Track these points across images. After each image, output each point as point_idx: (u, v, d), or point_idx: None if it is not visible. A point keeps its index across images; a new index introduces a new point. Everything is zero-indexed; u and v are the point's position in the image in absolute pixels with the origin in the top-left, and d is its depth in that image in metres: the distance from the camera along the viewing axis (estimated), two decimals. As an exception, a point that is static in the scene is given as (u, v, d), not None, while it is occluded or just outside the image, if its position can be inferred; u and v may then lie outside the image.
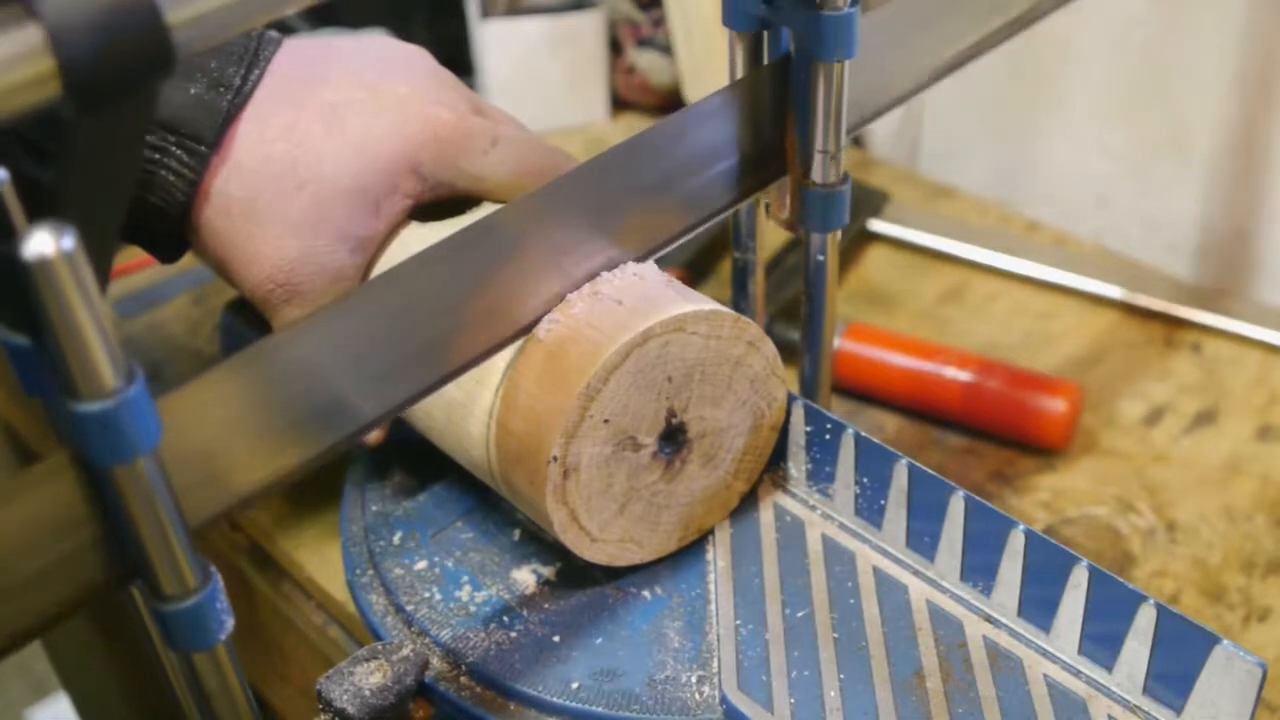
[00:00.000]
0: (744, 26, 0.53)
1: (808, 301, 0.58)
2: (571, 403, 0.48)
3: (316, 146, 0.53)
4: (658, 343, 0.49)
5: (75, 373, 0.33)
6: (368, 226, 0.54)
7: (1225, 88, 0.83)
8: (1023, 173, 0.95)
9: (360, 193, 0.53)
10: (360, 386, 0.45)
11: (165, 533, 0.37)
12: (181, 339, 0.80)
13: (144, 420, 0.35)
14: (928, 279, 0.86)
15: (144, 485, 0.36)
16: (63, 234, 0.31)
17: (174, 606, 0.38)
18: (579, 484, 0.50)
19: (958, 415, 0.72)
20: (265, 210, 0.53)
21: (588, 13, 1.01)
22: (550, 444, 0.48)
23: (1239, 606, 0.62)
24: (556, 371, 0.49)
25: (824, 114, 0.53)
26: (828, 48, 0.51)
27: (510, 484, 0.52)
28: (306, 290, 0.54)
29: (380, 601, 0.55)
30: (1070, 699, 0.48)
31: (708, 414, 0.53)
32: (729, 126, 0.53)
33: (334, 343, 0.44)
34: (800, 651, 0.50)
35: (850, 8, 0.50)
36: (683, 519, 0.54)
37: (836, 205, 0.55)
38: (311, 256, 0.53)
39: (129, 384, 0.34)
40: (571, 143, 1.00)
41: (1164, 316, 0.81)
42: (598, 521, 0.51)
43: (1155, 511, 0.67)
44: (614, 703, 0.49)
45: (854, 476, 0.54)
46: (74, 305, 0.31)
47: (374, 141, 0.53)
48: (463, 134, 0.54)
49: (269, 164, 0.53)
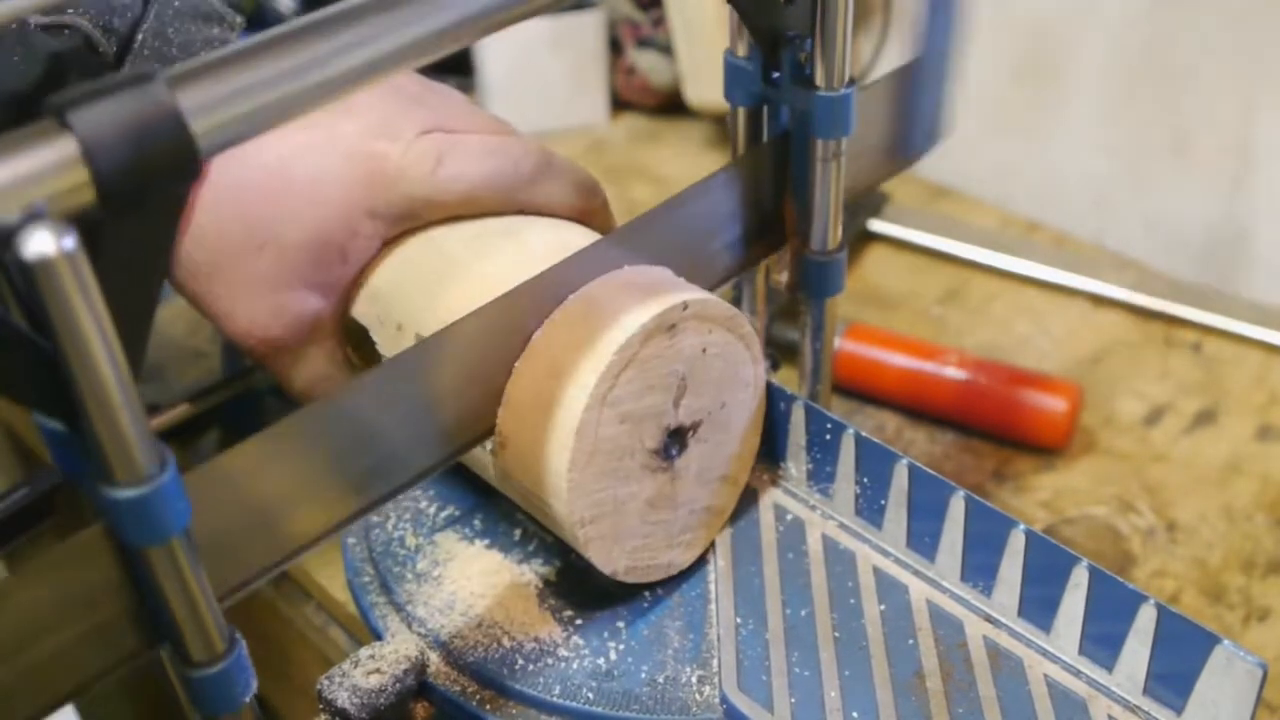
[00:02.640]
0: (745, 102, 0.56)
1: (808, 353, 0.60)
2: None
3: (267, 207, 0.52)
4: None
5: (111, 460, 0.35)
6: (334, 273, 0.53)
7: (1225, 88, 0.83)
8: (1023, 173, 0.95)
9: (321, 244, 0.52)
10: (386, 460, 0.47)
11: (195, 604, 0.38)
12: (181, 339, 0.80)
13: (175, 504, 0.36)
14: (928, 279, 0.86)
15: (175, 562, 0.37)
16: (63, 234, 0.31)
17: (202, 673, 0.40)
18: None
19: (958, 415, 0.72)
20: (230, 274, 0.52)
21: (588, 13, 1.01)
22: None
23: (1239, 606, 0.62)
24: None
25: (821, 188, 0.55)
26: (825, 126, 0.53)
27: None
28: (287, 342, 0.54)
29: (380, 601, 0.55)
30: (1070, 699, 0.48)
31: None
32: (732, 200, 0.55)
33: (364, 417, 0.45)
34: (800, 651, 0.50)
35: (846, 89, 0.52)
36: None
37: (834, 273, 0.57)
38: (282, 311, 0.53)
39: (161, 470, 0.36)
40: (572, 143, 1.01)
41: (1164, 316, 0.81)
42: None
43: (1155, 511, 0.67)
44: (614, 703, 0.49)
45: (854, 476, 0.54)
46: (75, 306, 0.32)
47: (323, 192, 0.52)
48: (405, 163, 0.53)
49: (226, 229, 0.52)
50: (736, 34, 0.54)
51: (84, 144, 0.31)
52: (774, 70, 0.54)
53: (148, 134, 0.32)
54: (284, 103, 0.36)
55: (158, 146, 0.33)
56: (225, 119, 0.35)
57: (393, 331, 0.53)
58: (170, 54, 0.53)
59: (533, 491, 0.50)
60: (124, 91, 0.32)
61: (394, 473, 0.47)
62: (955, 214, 0.92)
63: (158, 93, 0.33)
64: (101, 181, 0.32)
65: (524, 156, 0.55)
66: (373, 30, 0.38)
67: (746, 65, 0.54)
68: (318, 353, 0.55)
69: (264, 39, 0.36)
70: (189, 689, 0.40)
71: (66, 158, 0.31)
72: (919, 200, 0.94)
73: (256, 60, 0.36)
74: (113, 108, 0.32)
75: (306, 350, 0.54)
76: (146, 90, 0.33)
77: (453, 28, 0.40)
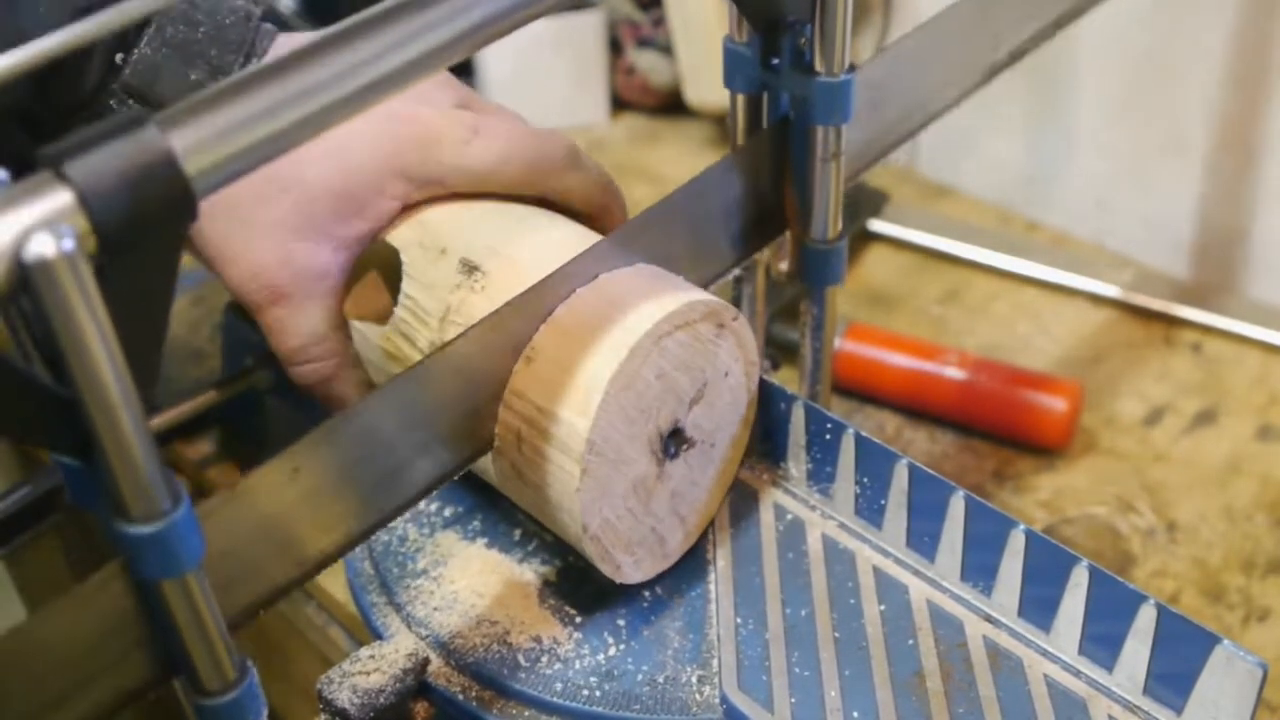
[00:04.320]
0: (744, 88, 0.55)
1: (808, 351, 0.60)
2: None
3: (300, 151, 0.52)
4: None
5: (126, 497, 0.35)
6: (351, 227, 0.54)
7: (1225, 88, 0.83)
8: (1022, 173, 0.95)
9: (344, 197, 0.53)
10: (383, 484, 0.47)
11: (207, 635, 0.39)
12: (181, 339, 0.80)
13: (189, 539, 0.37)
14: (928, 279, 0.86)
15: (188, 595, 0.38)
16: (63, 234, 0.31)
17: (215, 701, 0.40)
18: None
19: (958, 415, 0.72)
20: (247, 213, 0.53)
21: (588, 13, 1.01)
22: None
23: (1239, 606, 0.62)
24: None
25: (821, 175, 0.55)
26: (824, 113, 0.53)
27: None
28: (289, 291, 0.54)
29: (380, 601, 0.54)
30: (1070, 699, 0.48)
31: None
32: (733, 190, 0.55)
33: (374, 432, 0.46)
34: (800, 651, 0.50)
35: (846, 75, 0.52)
36: (641, 542, 0.53)
37: (834, 261, 0.57)
38: (291, 259, 0.53)
39: (175, 506, 0.36)
40: (571, 143, 1.01)
41: (1164, 316, 0.81)
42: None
43: (1155, 511, 0.67)
44: (614, 703, 0.49)
45: (854, 476, 0.54)
46: (75, 306, 0.32)
47: (357, 146, 0.53)
48: (443, 129, 0.54)
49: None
50: (736, 19, 0.54)
51: (81, 194, 0.32)
52: (773, 56, 0.53)
53: (142, 180, 0.33)
54: (275, 137, 0.37)
55: (153, 191, 0.33)
56: (218, 158, 0.35)
57: (434, 255, 0.53)
58: (195, 16, 0.54)
59: (546, 409, 0.48)
60: (117, 138, 0.33)
61: (405, 486, 0.47)
62: (955, 214, 0.92)
63: (150, 137, 0.33)
64: (100, 229, 0.32)
65: (555, 144, 0.56)
66: (363, 56, 0.38)
67: (746, 51, 0.54)
68: (317, 309, 0.55)
69: (252, 73, 0.37)
70: (202, 718, 0.41)
71: (64, 208, 0.32)
72: (919, 200, 0.94)
73: (246, 95, 0.36)
74: (107, 156, 0.33)
75: (306, 305, 0.54)
76: (139, 135, 0.33)
77: (447, 46, 0.40)
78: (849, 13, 0.51)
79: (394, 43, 0.38)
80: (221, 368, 0.73)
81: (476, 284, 0.51)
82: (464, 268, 0.52)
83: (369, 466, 0.45)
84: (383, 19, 0.39)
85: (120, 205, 0.33)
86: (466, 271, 0.52)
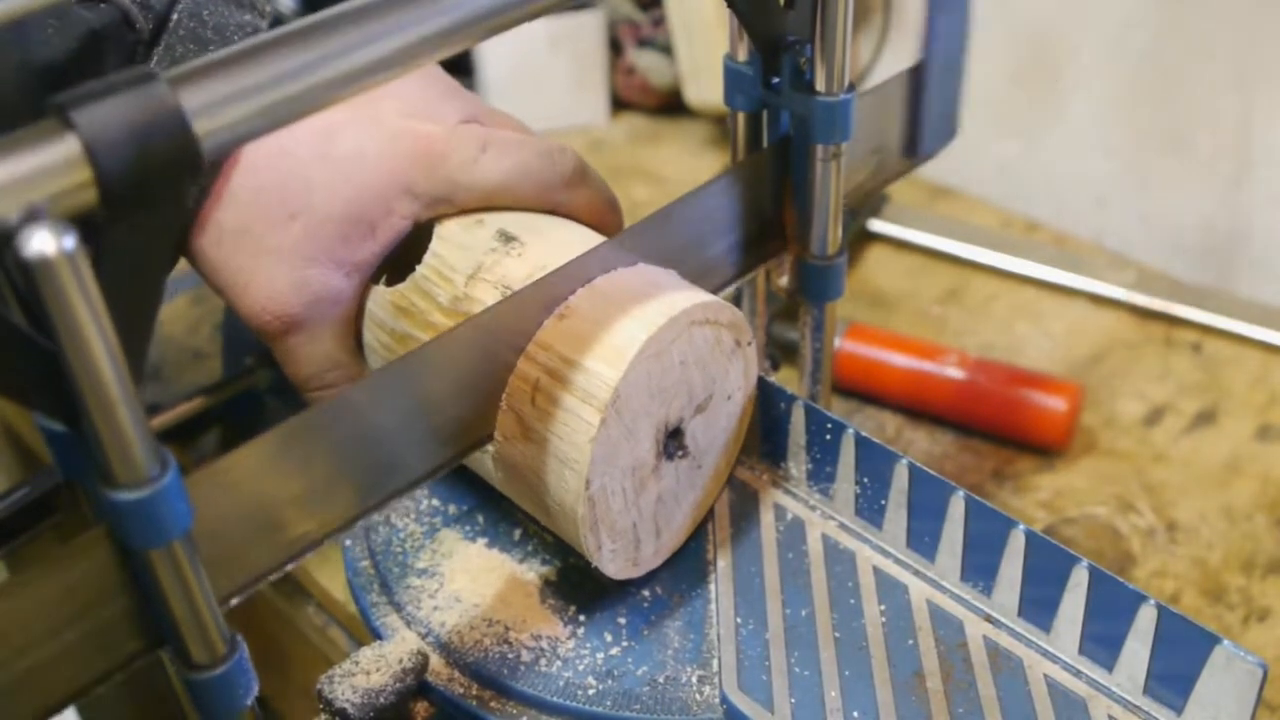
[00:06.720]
0: (745, 107, 0.56)
1: (808, 352, 0.60)
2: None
3: (306, 175, 0.52)
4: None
5: (112, 462, 0.35)
6: (363, 250, 0.53)
7: (1225, 88, 0.83)
8: (1023, 173, 0.95)
9: (354, 220, 0.52)
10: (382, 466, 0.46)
11: (195, 607, 0.38)
12: (181, 339, 0.80)
13: (177, 506, 0.36)
14: (928, 279, 0.86)
15: (176, 565, 0.37)
16: (63, 233, 0.31)
17: (203, 675, 0.40)
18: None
19: (958, 415, 0.72)
20: (257, 242, 0.52)
21: (588, 13, 1.01)
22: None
23: (1239, 606, 0.62)
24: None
25: (821, 193, 0.55)
26: (825, 131, 0.53)
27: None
28: (303, 320, 0.53)
29: (380, 601, 0.54)
30: (1070, 699, 0.48)
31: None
32: (733, 205, 0.55)
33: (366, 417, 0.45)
34: (800, 651, 0.50)
35: (846, 94, 0.53)
36: (620, 535, 0.53)
37: (834, 277, 0.57)
38: (304, 286, 0.52)
39: (163, 472, 0.36)
40: (572, 143, 1.00)
41: (1164, 316, 0.81)
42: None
43: (1155, 511, 0.67)
44: (614, 703, 0.49)
45: (854, 476, 0.54)
46: (75, 306, 0.31)
47: (364, 166, 0.52)
48: (450, 146, 0.53)
49: (260, 195, 0.52)
50: (736, 39, 0.54)
51: (86, 143, 0.31)
52: (774, 75, 0.54)
53: (150, 133, 0.32)
54: (287, 103, 0.36)
55: (160, 146, 0.33)
56: (228, 119, 0.35)
57: (470, 224, 0.53)
58: (205, 35, 0.53)
59: (574, 359, 0.48)
60: (127, 91, 0.32)
61: (397, 475, 0.47)
62: (955, 214, 0.92)
63: (160, 92, 0.33)
64: (104, 181, 0.32)
65: (563, 159, 0.56)
66: (375, 32, 0.38)
67: (746, 70, 0.54)
68: (330, 335, 0.54)
69: (267, 39, 0.36)
70: (190, 692, 0.40)
71: (69, 156, 0.31)
72: (919, 200, 0.94)
73: (259, 60, 0.36)
74: (116, 107, 0.32)
75: (320, 332, 0.54)
76: (149, 89, 0.33)
77: (455, 29, 0.40)
78: (849, 32, 0.52)
79: (411, 20, 0.38)
80: (221, 368, 0.73)
81: (513, 250, 0.52)
82: (501, 237, 0.52)
83: (356, 454, 0.45)
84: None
85: (126, 157, 0.32)
86: (503, 240, 0.52)
